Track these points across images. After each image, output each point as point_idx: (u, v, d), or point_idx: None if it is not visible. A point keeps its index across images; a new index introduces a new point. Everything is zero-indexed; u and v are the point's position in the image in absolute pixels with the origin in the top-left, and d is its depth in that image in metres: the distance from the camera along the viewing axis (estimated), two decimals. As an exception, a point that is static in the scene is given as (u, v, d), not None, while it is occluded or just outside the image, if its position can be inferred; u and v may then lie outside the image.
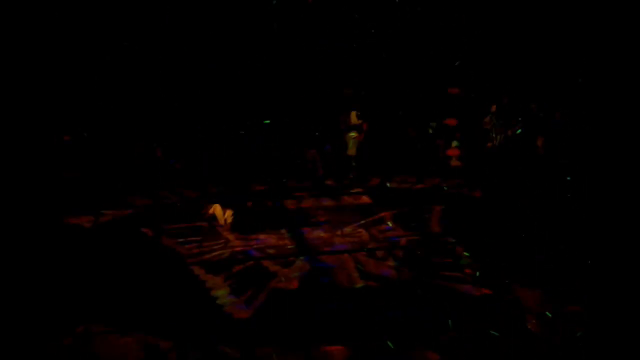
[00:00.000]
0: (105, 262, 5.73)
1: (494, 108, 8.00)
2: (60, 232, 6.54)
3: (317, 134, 8.79)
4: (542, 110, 7.83)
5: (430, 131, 8.79)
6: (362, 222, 6.86)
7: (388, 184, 8.32)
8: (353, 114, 8.61)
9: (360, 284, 5.22)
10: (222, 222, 6.69)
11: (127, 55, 8.39)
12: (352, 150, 8.70)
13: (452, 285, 5.17)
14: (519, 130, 7.64)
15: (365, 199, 7.91)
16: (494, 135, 7.93)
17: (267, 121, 8.41)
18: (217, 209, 6.75)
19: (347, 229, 6.63)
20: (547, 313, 4.62)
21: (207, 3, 8.57)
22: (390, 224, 6.64)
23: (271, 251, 6.01)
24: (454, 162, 8.91)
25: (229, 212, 6.69)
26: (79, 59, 8.28)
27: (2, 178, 7.21)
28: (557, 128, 7.69)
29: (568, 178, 7.09)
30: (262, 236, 6.42)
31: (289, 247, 6.13)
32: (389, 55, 9.08)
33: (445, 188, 8.05)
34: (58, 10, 7.89)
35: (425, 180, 8.65)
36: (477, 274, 5.32)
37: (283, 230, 6.58)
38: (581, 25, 7.79)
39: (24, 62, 7.78)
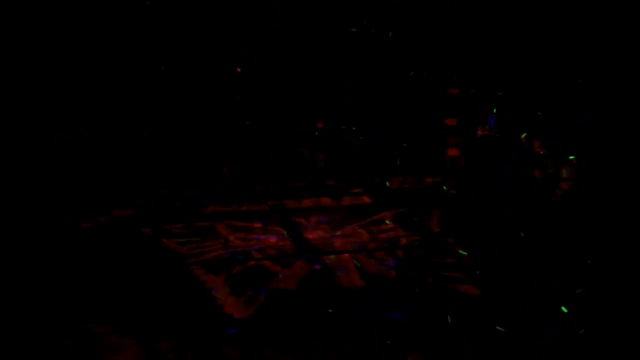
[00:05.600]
0: (105, 262, 5.73)
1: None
2: (60, 232, 6.53)
3: (316, 133, 8.79)
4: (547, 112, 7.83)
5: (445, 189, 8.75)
6: (362, 222, 6.87)
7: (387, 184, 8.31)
8: None
9: (360, 284, 5.24)
10: None
11: (126, 55, 8.38)
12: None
13: (452, 285, 5.18)
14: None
15: (365, 199, 7.90)
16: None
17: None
18: None
19: (347, 229, 6.64)
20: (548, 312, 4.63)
21: (207, 3, 8.55)
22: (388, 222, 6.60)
23: (272, 251, 6.02)
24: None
25: None
26: (79, 58, 8.26)
27: (1, 178, 7.21)
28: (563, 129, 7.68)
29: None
30: (262, 236, 6.43)
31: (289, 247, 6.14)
32: (388, 54, 9.06)
33: (444, 188, 8.04)
34: (59, 10, 7.87)
35: (426, 180, 8.64)
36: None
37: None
38: (581, 24, 7.78)
39: (23, 61, 7.77)
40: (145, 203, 7.65)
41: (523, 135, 7.88)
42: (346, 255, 5.90)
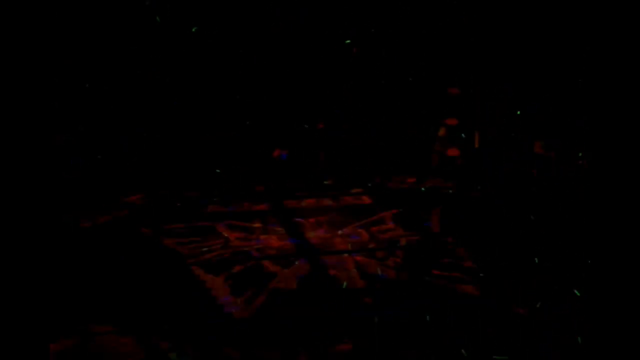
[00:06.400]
0: (105, 262, 5.73)
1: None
2: (59, 232, 6.52)
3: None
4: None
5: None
6: (362, 222, 6.87)
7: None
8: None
9: (359, 284, 5.24)
10: None
11: (126, 55, 8.37)
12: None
13: (452, 285, 5.18)
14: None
15: (365, 199, 7.90)
16: None
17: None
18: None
19: (347, 229, 6.64)
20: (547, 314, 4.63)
21: (207, 3, 8.55)
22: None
23: (272, 252, 6.02)
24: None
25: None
26: (79, 58, 8.26)
27: (1, 177, 7.19)
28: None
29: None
30: (262, 236, 6.43)
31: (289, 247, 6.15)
32: (388, 54, 9.06)
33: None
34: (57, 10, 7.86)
35: (426, 180, 8.63)
36: None
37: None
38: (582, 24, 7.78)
39: (23, 61, 7.76)
40: (146, 203, 7.65)
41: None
42: (346, 255, 5.90)
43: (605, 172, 6.69)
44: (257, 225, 6.76)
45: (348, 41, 8.63)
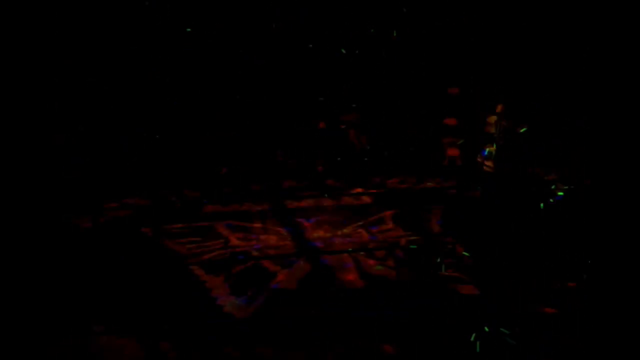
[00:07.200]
0: (105, 262, 5.73)
1: (499, 108, 7.94)
2: (60, 232, 6.53)
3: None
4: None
5: None
6: (362, 222, 6.87)
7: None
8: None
9: (360, 284, 5.25)
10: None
11: (126, 55, 8.37)
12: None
13: (452, 285, 5.19)
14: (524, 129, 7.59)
15: (365, 199, 7.90)
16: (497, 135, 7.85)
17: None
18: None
19: (347, 229, 6.64)
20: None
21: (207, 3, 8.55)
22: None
23: (271, 251, 6.02)
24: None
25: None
26: (79, 58, 8.26)
27: (1, 178, 7.20)
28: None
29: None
30: (262, 236, 6.43)
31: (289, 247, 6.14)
32: (388, 54, 9.06)
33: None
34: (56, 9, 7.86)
35: (426, 180, 8.63)
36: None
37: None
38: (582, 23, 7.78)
39: (23, 61, 7.76)
40: (146, 203, 7.65)
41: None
42: (346, 255, 5.90)
43: (605, 173, 6.67)
44: (257, 225, 6.76)
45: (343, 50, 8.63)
